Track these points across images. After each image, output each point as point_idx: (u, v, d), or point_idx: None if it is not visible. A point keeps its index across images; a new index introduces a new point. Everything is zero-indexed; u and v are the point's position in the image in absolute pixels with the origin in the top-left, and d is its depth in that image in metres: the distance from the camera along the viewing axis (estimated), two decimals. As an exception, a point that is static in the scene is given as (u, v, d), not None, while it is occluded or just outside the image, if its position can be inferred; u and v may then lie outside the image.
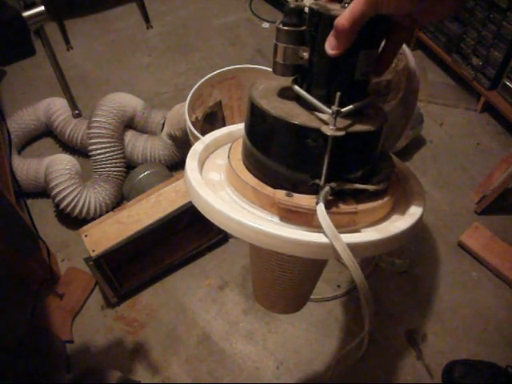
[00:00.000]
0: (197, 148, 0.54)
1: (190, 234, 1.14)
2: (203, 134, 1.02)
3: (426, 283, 1.08)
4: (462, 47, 1.43)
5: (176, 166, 1.32)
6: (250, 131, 0.46)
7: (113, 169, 1.18)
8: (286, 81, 0.46)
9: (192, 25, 1.85)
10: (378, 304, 1.04)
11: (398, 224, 0.44)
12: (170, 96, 1.56)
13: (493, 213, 1.20)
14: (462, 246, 1.13)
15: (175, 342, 1.00)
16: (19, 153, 1.36)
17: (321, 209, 0.40)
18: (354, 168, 0.43)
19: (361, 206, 0.43)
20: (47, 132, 1.41)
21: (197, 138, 1.00)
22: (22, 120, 1.34)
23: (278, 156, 0.43)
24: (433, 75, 1.59)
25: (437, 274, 1.10)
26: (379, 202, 0.45)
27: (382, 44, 0.43)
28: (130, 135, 1.27)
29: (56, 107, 1.32)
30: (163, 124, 1.27)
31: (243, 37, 1.78)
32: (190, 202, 1.01)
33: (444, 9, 0.37)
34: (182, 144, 1.24)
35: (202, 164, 0.53)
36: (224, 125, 1.25)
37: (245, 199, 0.46)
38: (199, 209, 0.45)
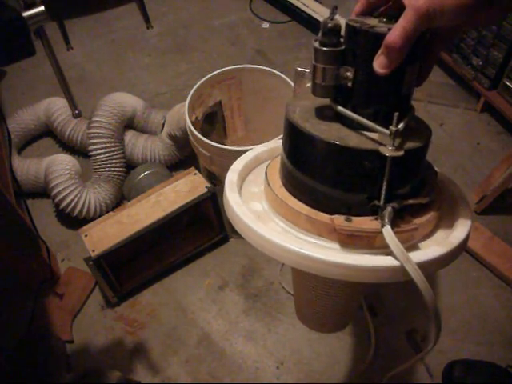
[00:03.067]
0: (232, 178, 0.52)
1: (190, 234, 1.14)
2: (203, 133, 1.02)
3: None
4: (462, 47, 1.43)
5: (176, 165, 1.32)
6: (296, 158, 0.45)
7: (113, 169, 1.18)
8: (319, 100, 0.45)
9: (192, 25, 1.85)
10: (378, 304, 1.04)
11: (456, 234, 0.43)
12: (170, 96, 1.56)
13: (493, 213, 1.20)
14: (462, 246, 1.13)
15: (175, 342, 1.00)
16: (19, 153, 1.36)
17: (388, 231, 0.39)
18: (407, 183, 0.42)
19: (419, 221, 0.42)
20: (47, 132, 1.41)
21: (197, 138, 1.00)
22: (22, 120, 1.34)
23: (331, 181, 0.42)
24: (433, 75, 1.58)
25: (437, 273, 1.10)
26: (433, 214, 0.44)
27: None
28: (130, 135, 1.27)
29: (56, 107, 1.32)
30: (163, 124, 1.27)
31: (243, 37, 1.78)
32: (190, 202, 1.02)
33: (490, 18, 0.36)
34: (182, 144, 1.24)
35: (239, 194, 0.51)
36: (224, 125, 1.25)
37: (298, 228, 0.45)
38: (255, 245, 0.43)
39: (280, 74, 1.08)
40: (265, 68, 1.12)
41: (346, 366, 0.96)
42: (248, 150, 0.59)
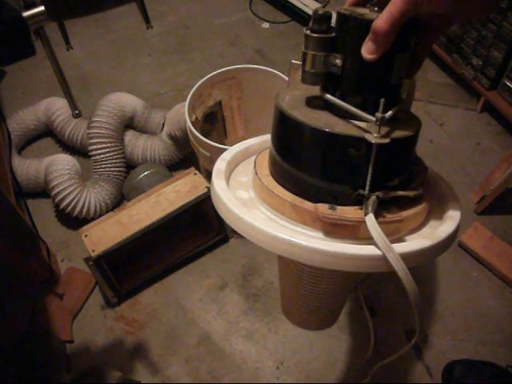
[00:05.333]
0: (220, 167, 0.52)
1: (190, 233, 1.14)
2: (203, 134, 1.02)
3: (426, 283, 1.08)
4: (462, 47, 1.43)
5: (176, 166, 1.32)
6: (283, 145, 0.45)
7: (113, 169, 1.18)
8: (310, 89, 0.45)
9: (192, 25, 1.85)
10: (378, 304, 1.04)
11: (444, 228, 0.43)
12: (170, 96, 1.56)
13: (493, 213, 1.20)
14: (462, 246, 1.13)
15: (175, 341, 1.00)
16: (19, 153, 1.36)
17: (371, 220, 0.39)
18: (394, 175, 0.42)
19: (405, 213, 0.42)
20: (47, 132, 1.41)
21: (197, 138, 1.00)
22: (22, 120, 1.34)
23: (317, 168, 0.42)
24: (433, 75, 1.59)
25: (437, 273, 1.10)
26: (420, 207, 0.44)
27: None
28: (129, 135, 1.27)
29: (56, 107, 1.32)
30: (163, 124, 1.27)
31: (243, 37, 1.78)
32: (190, 202, 1.02)
33: (479, 8, 0.36)
34: (182, 144, 1.24)
35: (227, 182, 0.51)
36: (224, 125, 1.25)
37: (282, 216, 0.44)
38: (238, 230, 0.43)
39: (280, 73, 1.08)
40: (265, 68, 1.12)
41: (345, 365, 0.96)
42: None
